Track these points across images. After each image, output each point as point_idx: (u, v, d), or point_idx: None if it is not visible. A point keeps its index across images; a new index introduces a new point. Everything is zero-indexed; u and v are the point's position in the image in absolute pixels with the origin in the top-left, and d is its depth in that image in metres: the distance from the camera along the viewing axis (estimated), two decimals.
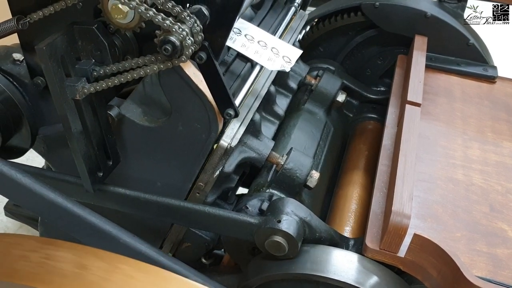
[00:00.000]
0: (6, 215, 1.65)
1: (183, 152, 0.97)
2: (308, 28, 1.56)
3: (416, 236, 0.86)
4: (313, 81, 1.37)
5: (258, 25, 1.15)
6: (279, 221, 0.91)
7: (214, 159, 0.97)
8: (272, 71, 1.21)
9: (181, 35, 0.77)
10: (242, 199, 1.07)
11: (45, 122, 1.05)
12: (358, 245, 0.97)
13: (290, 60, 1.04)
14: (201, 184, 1.00)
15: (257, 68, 1.06)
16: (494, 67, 1.40)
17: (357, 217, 1.13)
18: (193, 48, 0.80)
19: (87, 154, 0.92)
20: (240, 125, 1.00)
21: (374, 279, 0.89)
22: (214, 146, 0.96)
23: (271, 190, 1.06)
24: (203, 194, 1.01)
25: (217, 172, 0.98)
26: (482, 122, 1.23)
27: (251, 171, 1.16)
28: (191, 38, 0.79)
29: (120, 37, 0.87)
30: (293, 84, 1.38)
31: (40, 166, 1.51)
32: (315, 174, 1.05)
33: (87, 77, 0.83)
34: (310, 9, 1.62)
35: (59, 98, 0.83)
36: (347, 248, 0.97)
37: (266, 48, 1.03)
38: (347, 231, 1.09)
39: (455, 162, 1.10)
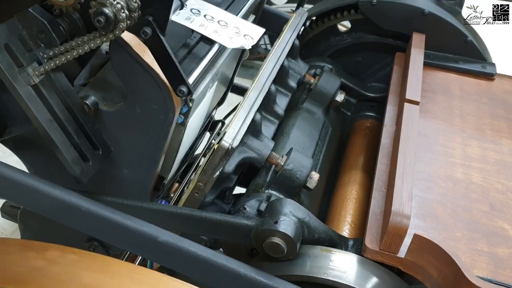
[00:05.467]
0: (2, 216, 1.64)
1: (144, 136, 0.97)
2: (307, 24, 1.56)
3: (416, 237, 0.85)
4: (312, 80, 1.36)
5: (226, 9, 1.12)
6: (276, 222, 0.90)
7: (214, 160, 0.96)
8: (273, 69, 1.19)
9: (108, 1, 0.76)
10: (240, 199, 1.06)
11: (13, 118, 1.02)
12: (357, 246, 0.96)
13: (252, 38, 1.02)
14: (200, 184, 0.99)
15: (215, 47, 1.04)
16: (493, 64, 1.40)
17: (356, 217, 1.12)
18: (127, 13, 0.78)
19: (66, 143, 0.91)
20: (241, 125, 0.99)
21: (374, 280, 0.88)
22: (215, 146, 0.95)
23: (270, 190, 1.05)
24: (202, 194, 1.00)
25: (217, 173, 0.97)
26: (481, 120, 1.23)
27: (247, 171, 1.15)
28: (121, 3, 0.77)
29: (67, 19, 0.86)
30: (293, 83, 1.37)
31: None
32: (315, 175, 1.05)
33: (38, 61, 0.83)
34: (307, 6, 1.61)
35: (12, 86, 0.82)
36: (346, 249, 0.96)
37: (227, 28, 1.01)
38: (346, 231, 1.08)
39: (454, 160, 1.09)
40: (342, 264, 0.91)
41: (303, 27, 1.55)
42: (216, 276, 0.81)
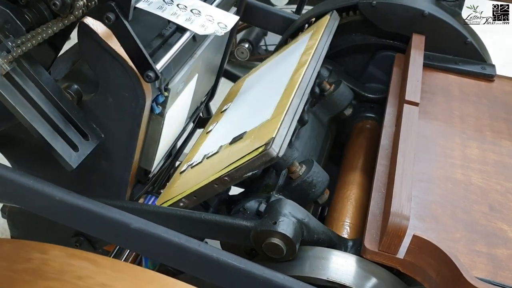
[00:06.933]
0: (3, 217, 1.64)
1: (117, 125, 0.98)
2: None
3: (415, 237, 0.85)
4: (327, 87, 1.36)
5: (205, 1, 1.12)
6: (275, 223, 0.90)
7: (255, 162, 0.94)
8: (312, 74, 1.18)
9: None
10: (239, 201, 1.06)
11: None
12: (356, 247, 0.96)
13: (226, 26, 1.01)
14: (226, 178, 0.98)
15: (186, 34, 1.04)
16: (492, 66, 1.40)
17: (355, 218, 1.12)
18: None
19: (49, 131, 0.91)
20: (287, 132, 0.98)
21: (373, 281, 0.88)
22: (260, 149, 0.93)
23: (280, 196, 1.04)
24: (221, 187, 1.00)
25: (250, 174, 0.96)
26: (481, 121, 1.23)
27: None
28: None
29: (34, 9, 0.87)
30: (317, 89, 1.37)
31: None
32: (327, 192, 1.05)
33: (7, 50, 0.84)
34: (307, 7, 1.61)
35: None
36: (345, 250, 0.96)
37: (200, 16, 1.00)
38: (346, 232, 1.08)
39: (453, 161, 1.09)
40: (341, 265, 0.91)
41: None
42: (190, 262, 0.81)
